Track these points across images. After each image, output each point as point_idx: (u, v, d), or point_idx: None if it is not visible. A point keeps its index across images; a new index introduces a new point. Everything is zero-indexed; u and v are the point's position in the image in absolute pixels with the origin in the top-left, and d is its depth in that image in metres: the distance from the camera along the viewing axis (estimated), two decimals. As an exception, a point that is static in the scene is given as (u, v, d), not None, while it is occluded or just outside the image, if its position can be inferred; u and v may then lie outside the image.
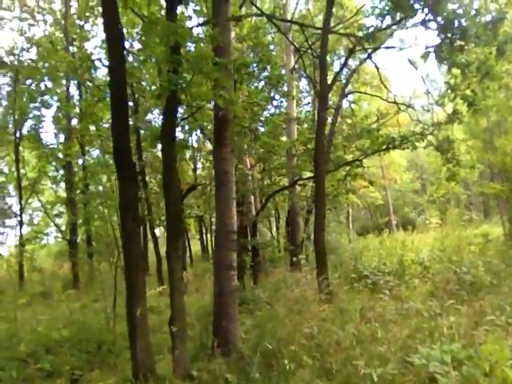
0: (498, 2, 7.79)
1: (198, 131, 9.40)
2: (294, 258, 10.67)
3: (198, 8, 6.56)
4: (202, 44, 5.00)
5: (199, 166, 18.30)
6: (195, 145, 15.15)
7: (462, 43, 7.03)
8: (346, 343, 5.02)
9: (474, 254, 11.13)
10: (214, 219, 19.34)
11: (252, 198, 12.59)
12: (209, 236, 24.76)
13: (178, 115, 5.99)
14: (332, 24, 10.31)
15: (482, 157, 17.00)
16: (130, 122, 7.72)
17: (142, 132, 12.73)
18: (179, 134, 9.88)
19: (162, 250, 7.66)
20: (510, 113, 13.34)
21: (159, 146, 11.61)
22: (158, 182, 17.01)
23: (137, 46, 11.64)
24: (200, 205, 18.72)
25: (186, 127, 9.94)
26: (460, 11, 6.78)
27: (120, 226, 4.95)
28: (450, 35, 6.78)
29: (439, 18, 6.64)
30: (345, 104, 14.53)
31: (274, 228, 21.41)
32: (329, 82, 9.05)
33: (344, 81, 12.19)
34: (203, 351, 5.65)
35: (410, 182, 34.57)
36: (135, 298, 4.52)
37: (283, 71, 13.38)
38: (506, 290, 6.89)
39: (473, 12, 6.84)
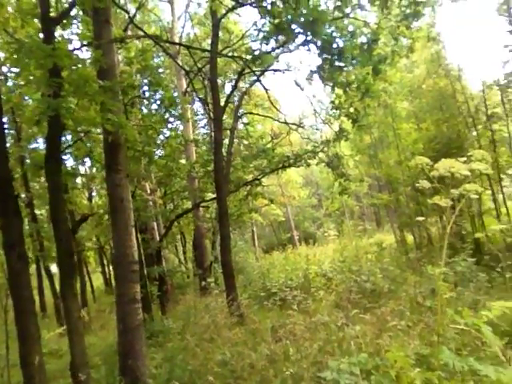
0: (371, 27, 8.60)
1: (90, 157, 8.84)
2: (203, 283, 10.44)
3: (78, 31, 6.22)
4: (86, 67, 4.67)
5: (94, 194, 17.28)
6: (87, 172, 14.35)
7: (341, 64, 7.61)
8: (259, 365, 4.93)
9: (371, 262, 11.83)
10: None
11: (155, 224, 12.17)
12: (111, 268, 23.37)
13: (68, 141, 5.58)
14: (220, 47, 10.53)
15: (369, 170, 18.31)
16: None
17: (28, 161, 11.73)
18: (69, 162, 9.23)
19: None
20: (389, 128, 14.58)
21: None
22: (48, 214, 15.65)
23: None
24: (99, 235, 17.61)
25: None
26: (336, 34, 7.37)
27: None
28: (329, 56, 7.30)
29: (318, 40, 7.10)
30: (240, 125, 14.86)
31: (181, 253, 20.93)
32: (221, 103, 9.17)
33: (236, 103, 12.47)
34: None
35: (307, 198, 36.17)
36: (29, 344, 3.99)
37: (175, 94, 13.30)
38: (403, 295, 7.37)
39: (349, 35, 7.45)
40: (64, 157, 5.87)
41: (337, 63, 7.42)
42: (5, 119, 8.54)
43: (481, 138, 12.63)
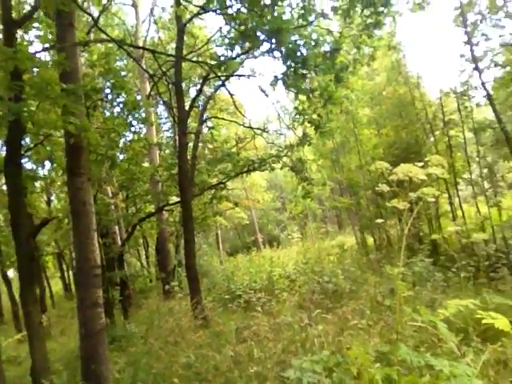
0: (334, 35, 8.84)
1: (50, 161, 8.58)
2: (167, 286, 10.33)
3: (41, 33, 6.05)
4: (48, 69, 4.56)
5: (53, 198, 16.78)
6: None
7: (304, 71, 7.79)
8: (223, 367, 4.97)
9: (333, 264, 12.08)
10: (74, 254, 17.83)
11: (116, 228, 11.95)
12: (70, 273, 22.74)
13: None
14: (185, 52, 10.51)
15: (331, 174, 18.67)
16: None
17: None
18: (28, 165, 8.94)
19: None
20: (351, 134, 14.95)
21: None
22: (6, 218, 15.06)
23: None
24: (58, 240, 17.09)
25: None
26: (301, 42, 7.54)
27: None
28: (293, 64, 7.46)
29: (283, 48, 7.25)
30: (205, 129, 14.85)
31: (144, 257, 20.61)
32: (186, 108, 9.16)
33: (201, 107, 12.48)
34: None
35: (271, 201, 36.46)
36: None
37: (139, 97, 13.15)
38: (364, 295, 7.59)
39: (312, 43, 7.64)
40: (23, 160, 5.69)
41: (300, 71, 7.58)
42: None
43: (438, 144, 13.14)
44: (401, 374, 3.10)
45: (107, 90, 7.96)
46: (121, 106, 7.72)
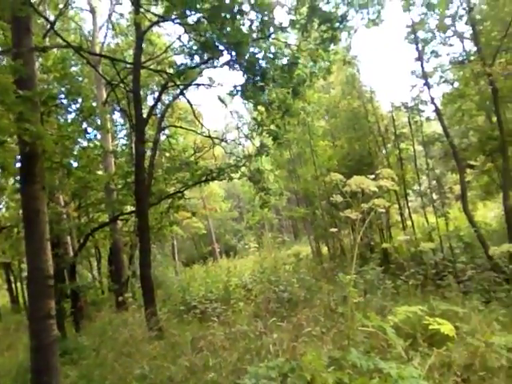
0: (291, 48, 9.06)
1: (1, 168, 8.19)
2: (120, 298, 10.07)
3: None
4: (4, 75, 4.40)
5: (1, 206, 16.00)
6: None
7: (263, 84, 7.94)
8: (178, 377, 4.94)
9: (288, 273, 12.23)
10: (24, 265, 17.03)
11: (68, 238, 11.55)
12: (18, 285, 21.67)
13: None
14: (143, 59, 10.43)
15: (288, 185, 18.95)
16: None
17: None
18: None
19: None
20: (307, 145, 15.24)
21: None
22: None
23: None
24: (6, 250, 16.25)
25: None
26: (260, 55, 7.70)
27: None
28: (252, 76, 7.59)
29: (242, 60, 7.37)
30: (162, 137, 14.70)
31: (96, 268, 19.99)
32: (144, 115, 9.07)
33: (159, 115, 12.36)
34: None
35: (229, 211, 36.45)
36: None
37: (94, 104, 12.85)
38: (318, 303, 7.75)
39: (271, 56, 7.80)
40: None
41: (259, 83, 7.72)
42: None
43: (390, 156, 13.66)
44: (352, 378, 3.23)
45: (61, 96, 7.77)
46: (76, 112, 7.53)
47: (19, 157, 5.17)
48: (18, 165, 5.18)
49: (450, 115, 12.50)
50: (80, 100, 7.27)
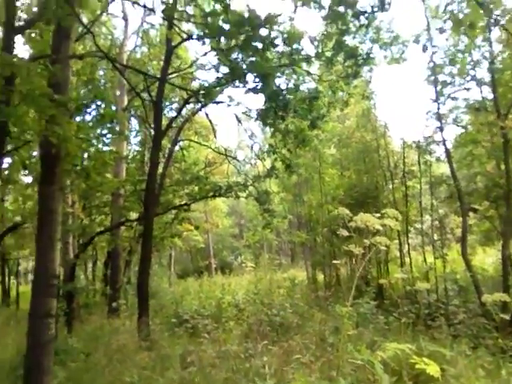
0: (313, 78, 9.27)
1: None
2: (114, 304, 10.11)
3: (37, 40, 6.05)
4: (41, 79, 4.61)
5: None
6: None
7: (284, 114, 8.14)
8: (166, 390, 4.99)
9: (282, 297, 12.21)
10: (21, 260, 17.19)
11: (71, 238, 11.64)
12: (12, 278, 21.62)
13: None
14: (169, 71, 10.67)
15: (292, 208, 19.08)
16: None
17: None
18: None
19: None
20: (316, 171, 15.40)
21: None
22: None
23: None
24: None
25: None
26: (283, 86, 7.90)
27: None
28: (274, 105, 7.80)
29: (267, 90, 7.55)
30: (176, 148, 14.90)
31: (90, 271, 20.00)
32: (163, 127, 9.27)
33: (177, 127, 12.57)
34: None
35: (229, 227, 36.47)
36: None
37: (114, 108, 13.08)
38: (309, 331, 7.78)
39: (293, 86, 7.99)
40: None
41: (280, 112, 7.90)
42: None
43: (395, 192, 13.82)
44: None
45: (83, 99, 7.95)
46: (97, 116, 7.71)
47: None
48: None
49: (459, 158, 12.65)
50: (103, 105, 7.46)
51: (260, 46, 6.44)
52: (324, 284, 15.44)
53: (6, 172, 6.80)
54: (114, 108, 12.23)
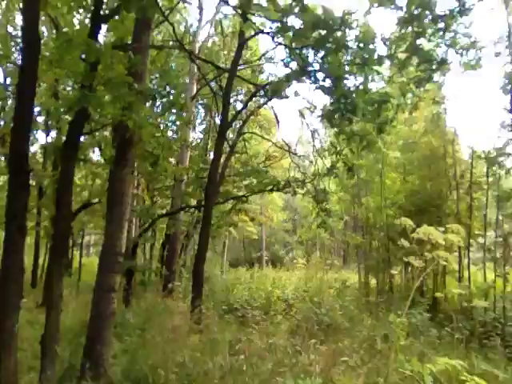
0: (384, 78, 9.02)
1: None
2: (170, 285, 10.55)
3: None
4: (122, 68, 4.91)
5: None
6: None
7: (351, 116, 8.01)
8: (214, 374, 5.16)
9: (332, 298, 12.12)
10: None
11: (134, 218, 12.23)
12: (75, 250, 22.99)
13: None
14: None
15: (349, 209, 18.71)
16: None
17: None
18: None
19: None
20: (377, 174, 15.01)
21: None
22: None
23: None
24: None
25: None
26: (352, 88, 7.74)
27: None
28: (342, 107, 7.69)
29: (337, 92, 7.46)
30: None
31: (148, 251, 20.82)
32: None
33: (241, 120, 12.77)
34: (71, 373, 5.33)
35: (283, 222, 36.49)
36: (8, 312, 4.11)
37: (182, 95, 13.47)
38: (358, 335, 7.70)
39: (362, 88, 7.82)
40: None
41: (348, 115, 7.78)
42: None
43: (460, 203, 13.21)
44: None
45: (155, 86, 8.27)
46: (167, 104, 7.98)
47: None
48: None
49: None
50: (175, 93, 7.70)
51: (333, 47, 6.38)
52: (376, 290, 15.10)
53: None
54: (182, 96, 12.59)
